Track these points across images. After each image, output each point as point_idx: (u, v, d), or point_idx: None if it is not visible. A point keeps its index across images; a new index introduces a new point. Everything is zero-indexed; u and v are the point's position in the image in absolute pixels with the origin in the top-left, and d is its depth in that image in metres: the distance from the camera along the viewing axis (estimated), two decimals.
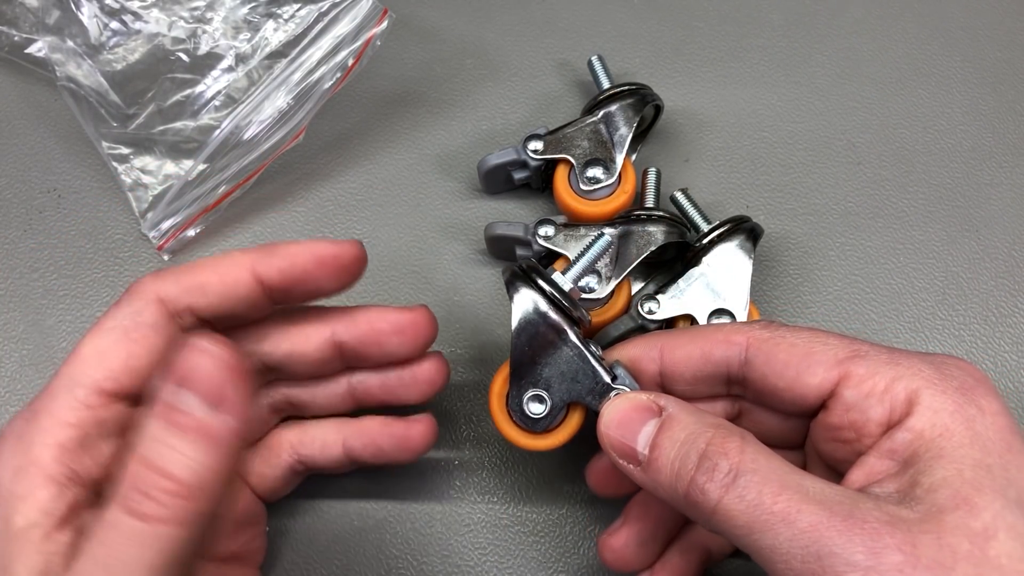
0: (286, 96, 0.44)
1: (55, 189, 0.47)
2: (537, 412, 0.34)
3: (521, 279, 0.34)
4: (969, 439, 0.28)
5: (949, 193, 0.48)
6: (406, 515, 0.40)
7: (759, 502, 0.27)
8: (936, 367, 0.30)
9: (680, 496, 0.29)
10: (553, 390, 0.34)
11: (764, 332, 0.32)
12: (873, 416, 0.30)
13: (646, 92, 0.45)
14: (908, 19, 0.54)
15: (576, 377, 0.34)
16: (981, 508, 0.26)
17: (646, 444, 0.30)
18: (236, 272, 0.32)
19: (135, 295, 0.31)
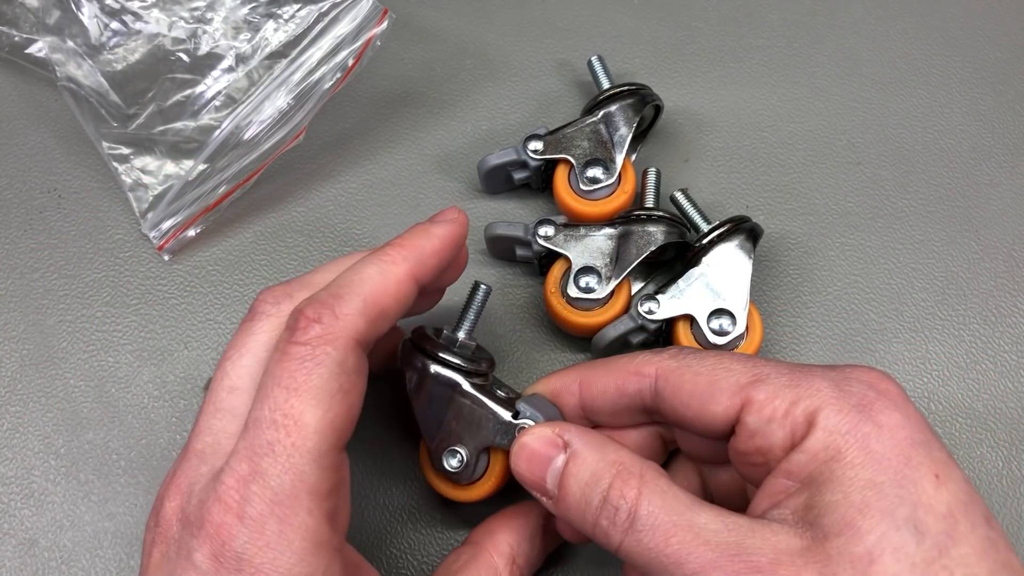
0: (286, 96, 0.44)
1: (55, 189, 0.47)
2: (455, 466, 0.35)
3: (408, 348, 0.35)
4: (862, 459, 0.28)
5: (949, 193, 0.48)
6: (406, 515, 0.40)
7: (653, 546, 0.28)
8: (836, 384, 0.30)
9: (589, 533, 0.30)
10: (465, 441, 0.35)
11: (672, 362, 0.33)
12: (776, 441, 0.30)
13: (646, 92, 0.45)
14: (908, 19, 0.54)
15: (481, 424, 0.34)
16: (865, 532, 0.27)
17: (554, 482, 0.31)
18: (406, 288, 0.32)
19: (330, 340, 0.29)
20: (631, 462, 0.30)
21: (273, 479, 0.27)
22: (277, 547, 0.27)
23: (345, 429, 0.29)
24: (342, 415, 0.29)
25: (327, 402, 0.28)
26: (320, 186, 0.48)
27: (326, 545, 0.28)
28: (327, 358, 0.28)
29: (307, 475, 0.27)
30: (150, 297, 0.44)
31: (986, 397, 0.42)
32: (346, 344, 0.29)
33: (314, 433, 0.28)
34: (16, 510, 0.40)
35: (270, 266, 0.45)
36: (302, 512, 0.27)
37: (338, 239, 0.46)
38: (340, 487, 0.29)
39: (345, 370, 0.29)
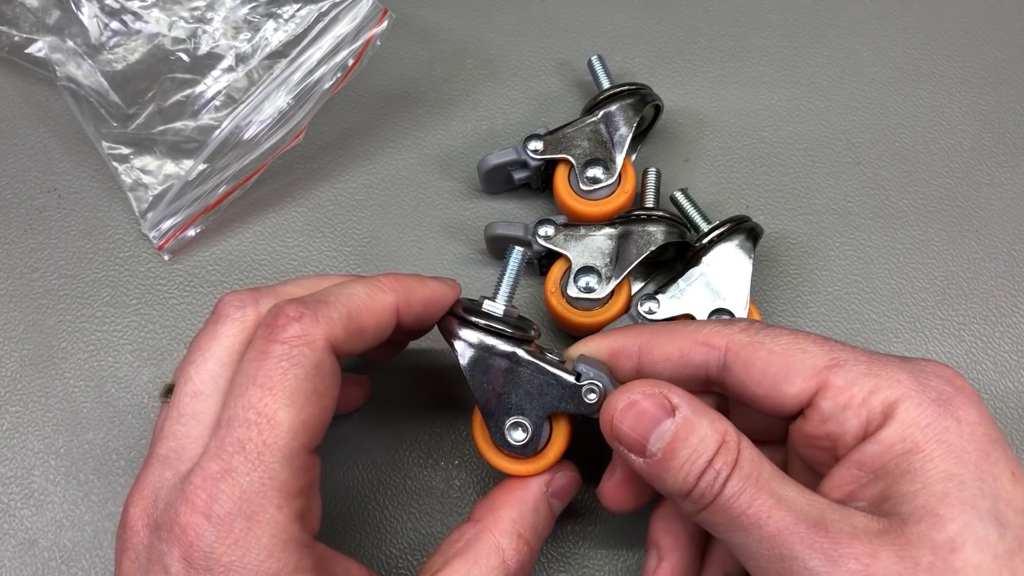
0: (286, 96, 0.44)
1: (55, 189, 0.47)
2: (520, 439, 0.34)
3: (454, 323, 0.34)
4: (941, 452, 0.28)
5: (949, 193, 0.48)
6: (406, 515, 0.40)
7: (738, 507, 0.28)
8: (915, 377, 0.30)
9: (678, 492, 0.30)
10: (527, 412, 0.34)
11: (744, 336, 0.32)
12: (849, 428, 0.30)
13: (646, 92, 0.45)
14: (908, 19, 0.54)
15: (543, 391, 0.34)
16: (947, 520, 0.27)
17: (659, 444, 0.30)
18: (387, 317, 0.32)
19: (308, 342, 0.29)
20: (732, 432, 0.30)
21: (242, 477, 0.27)
22: (245, 544, 0.27)
23: (317, 431, 0.29)
24: (315, 417, 0.29)
25: (301, 402, 0.28)
26: (320, 186, 0.48)
27: (295, 542, 0.28)
28: (304, 359, 0.28)
29: (277, 473, 0.27)
30: (150, 297, 0.44)
31: (986, 397, 0.42)
32: (324, 347, 0.29)
33: (287, 432, 0.28)
34: (16, 510, 0.40)
35: (270, 266, 0.45)
36: (271, 509, 0.27)
37: (338, 239, 0.46)
38: (310, 488, 0.29)
39: (321, 373, 0.29)
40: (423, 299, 0.33)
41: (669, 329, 0.34)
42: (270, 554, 0.27)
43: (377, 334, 0.32)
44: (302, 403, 0.28)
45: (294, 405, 0.28)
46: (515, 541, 0.33)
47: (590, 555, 0.39)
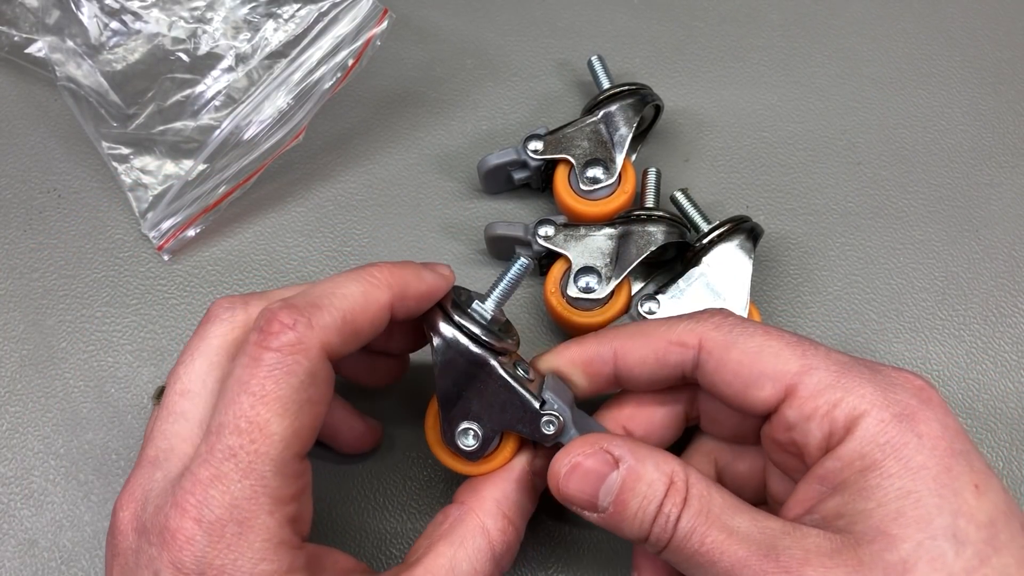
0: (286, 96, 0.44)
1: (55, 189, 0.47)
2: (469, 445, 0.34)
3: (438, 315, 0.33)
4: (898, 469, 0.28)
5: (949, 193, 0.48)
6: (407, 515, 0.40)
7: (690, 547, 0.29)
8: (882, 390, 0.29)
9: (637, 538, 0.31)
10: (483, 421, 0.34)
11: (716, 334, 0.32)
12: (811, 440, 0.30)
13: (646, 92, 0.45)
14: (908, 19, 0.54)
15: (504, 407, 0.33)
16: (900, 540, 0.27)
17: (608, 499, 0.30)
18: (382, 315, 0.31)
19: (303, 349, 0.28)
20: (679, 470, 0.30)
21: (233, 484, 0.27)
22: (238, 548, 0.27)
23: (309, 438, 0.29)
24: (307, 426, 0.28)
25: (294, 412, 0.28)
26: (320, 186, 0.48)
27: (287, 545, 0.28)
28: (298, 367, 0.28)
29: (269, 481, 0.27)
30: (150, 297, 0.44)
31: (986, 397, 0.42)
32: (318, 355, 0.29)
33: (279, 442, 0.27)
34: (16, 510, 0.40)
35: (270, 266, 0.45)
36: (262, 515, 0.27)
37: (338, 239, 0.46)
38: (302, 494, 0.29)
39: (315, 381, 0.29)
40: (418, 294, 0.32)
41: (642, 330, 0.34)
42: (263, 557, 0.27)
43: (372, 333, 0.31)
44: (295, 413, 0.28)
45: (287, 415, 0.28)
46: (500, 521, 0.32)
47: (589, 556, 0.39)
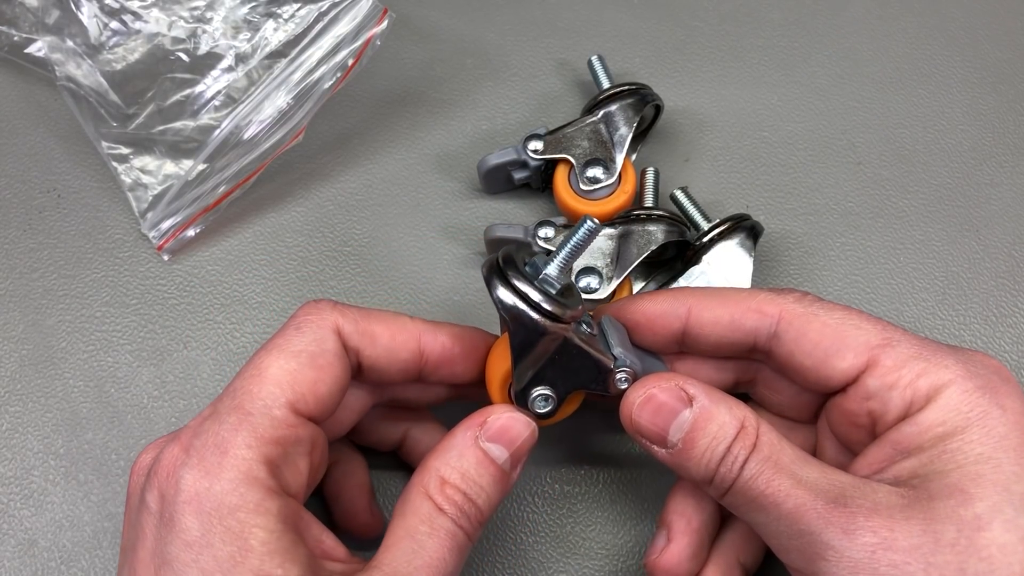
0: (286, 96, 0.43)
1: (55, 189, 0.47)
2: (544, 409, 0.34)
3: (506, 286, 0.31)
4: (980, 436, 0.28)
5: (949, 193, 0.48)
6: None
7: (756, 488, 0.29)
8: (963, 364, 0.30)
9: (701, 479, 0.30)
10: (556, 385, 0.33)
11: (797, 307, 0.32)
12: (891, 408, 0.30)
13: (646, 92, 0.45)
14: (908, 19, 0.54)
15: (578, 371, 0.33)
16: (976, 498, 0.27)
17: (679, 435, 0.30)
18: (405, 336, 0.33)
19: (317, 322, 0.31)
20: (751, 417, 0.30)
21: (225, 416, 0.28)
22: (214, 475, 0.27)
23: (307, 394, 0.29)
24: (307, 379, 0.30)
25: (293, 361, 0.30)
26: (320, 186, 0.48)
27: (260, 483, 0.28)
28: (308, 329, 0.31)
29: (253, 417, 0.28)
30: (150, 297, 0.44)
31: None
32: (329, 326, 0.31)
33: (272, 383, 0.29)
34: (16, 510, 0.40)
35: (270, 266, 0.45)
36: (241, 447, 0.28)
37: (338, 239, 0.46)
38: (292, 444, 0.29)
39: (321, 346, 0.30)
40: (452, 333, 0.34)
41: (722, 293, 0.34)
42: (234, 488, 0.27)
43: (393, 348, 0.32)
44: (294, 362, 0.30)
45: (286, 362, 0.30)
46: (441, 486, 0.31)
47: (590, 552, 0.39)
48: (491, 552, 0.39)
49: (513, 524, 0.39)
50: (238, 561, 0.26)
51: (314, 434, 0.30)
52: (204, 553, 0.27)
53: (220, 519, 0.27)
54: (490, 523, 0.39)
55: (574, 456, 0.41)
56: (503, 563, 0.39)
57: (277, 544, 0.27)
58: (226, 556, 0.26)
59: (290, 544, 0.27)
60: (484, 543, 0.39)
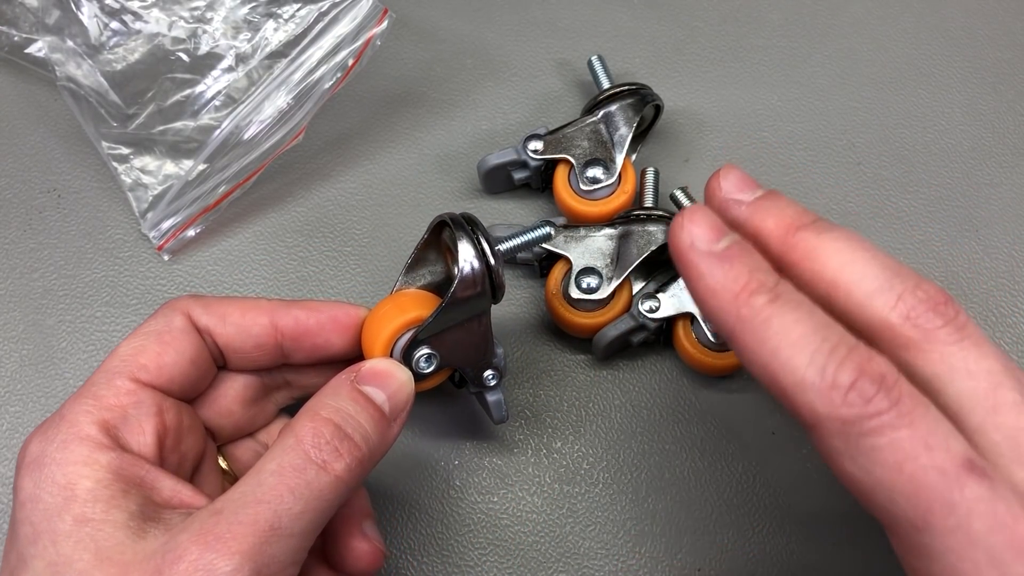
0: (286, 96, 0.43)
1: (55, 189, 0.47)
2: (425, 369, 0.34)
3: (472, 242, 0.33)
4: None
5: (949, 193, 0.48)
6: (406, 515, 0.40)
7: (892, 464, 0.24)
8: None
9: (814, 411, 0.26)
10: (444, 353, 0.34)
11: None
12: None
13: (646, 92, 0.45)
14: (908, 19, 0.54)
15: (469, 349, 0.35)
16: None
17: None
18: (256, 312, 0.34)
19: (167, 308, 0.33)
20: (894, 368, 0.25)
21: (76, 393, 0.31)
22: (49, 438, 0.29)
23: (148, 365, 0.31)
24: (149, 351, 0.32)
25: (140, 339, 0.32)
26: (320, 186, 0.48)
27: (90, 440, 0.29)
28: (159, 314, 0.33)
29: (95, 387, 0.31)
30: (150, 297, 0.44)
31: None
32: (180, 310, 0.33)
33: (117, 358, 0.31)
34: None
35: (270, 266, 0.45)
36: (78, 413, 0.30)
37: (338, 239, 0.46)
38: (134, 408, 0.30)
39: (168, 324, 0.32)
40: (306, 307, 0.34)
41: None
42: (63, 446, 0.29)
43: (243, 324, 0.33)
44: (141, 340, 0.32)
45: (133, 340, 0.32)
46: (311, 420, 0.30)
47: (590, 552, 0.39)
48: (491, 552, 0.39)
49: (513, 524, 0.40)
50: (62, 508, 0.27)
51: (158, 400, 0.31)
52: (35, 507, 0.28)
53: (49, 474, 0.28)
54: (490, 523, 0.39)
55: (574, 456, 0.41)
56: (503, 563, 0.39)
57: (104, 492, 0.28)
58: (52, 506, 0.28)
59: (118, 492, 0.28)
60: (484, 543, 0.39)
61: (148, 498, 0.29)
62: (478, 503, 0.40)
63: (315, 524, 0.28)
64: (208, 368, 0.34)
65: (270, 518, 0.27)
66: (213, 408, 0.35)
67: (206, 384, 0.34)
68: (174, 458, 0.32)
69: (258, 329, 0.34)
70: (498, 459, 0.41)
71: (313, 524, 0.28)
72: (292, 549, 0.27)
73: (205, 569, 0.26)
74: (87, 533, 0.27)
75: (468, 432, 0.41)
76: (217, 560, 0.26)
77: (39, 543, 0.27)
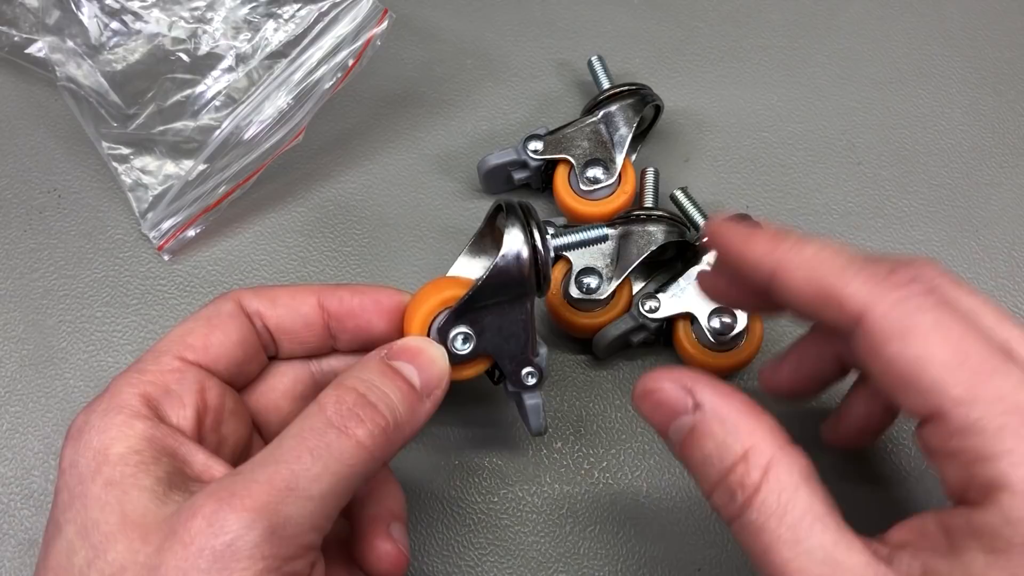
0: (286, 96, 0.43)
1: (55, 189, 0.47)
2: (461, 350, 0.34)
3: (523, 225, 0.33)
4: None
5: (949, 193, 0.48)
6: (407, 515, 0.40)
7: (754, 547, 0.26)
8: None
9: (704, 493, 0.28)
10: (483, 337, 0.34)
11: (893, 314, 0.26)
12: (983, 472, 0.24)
13: (646, 92, 0.45)
14: (908, 19, 0.54)
15: (509, 339, 0.34)
16: None
17: (678, 437, 0.28)
18: (304, 294, 0.34)
19: (219, 297, 0.34)
20: (762, 448, 0.26)
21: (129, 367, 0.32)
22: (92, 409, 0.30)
23: (195, 345, 0.32)
24: (197, 333, 0.32)
25: (191, 323, 0.33)
26: (320, 186, 0.48)
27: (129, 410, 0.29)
28: (210, 303, 0.34)
29: (142, 363, 0.31)
30: (150, 297, 0.44)
31: None
32: (230, 297, 0.34)
33: (167, 340, 0.32)
34: (16, 510, 0.40)
35: (270, 266, 0.45)
36: (123, 386, 0.30)
37: (338, 239, 0.46)
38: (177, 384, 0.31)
39: (217, 309, 0.33)
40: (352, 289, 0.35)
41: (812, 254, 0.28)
42: (102, 416, 0.29)
43: (293, 305, 0.34)
44: (191, 323, 0.33)
45: (184, 324, 0.33)
46: (334, 388, 0.30)
47: (590, 552, 0.39)
48: (491, 552, 0.39)
49: (513, 524, 0.40)
50: (95, 472, 0.28)
51: (202, 378, 0.32)
52: (73, 472, 0.28)
53: (87, 441, 0.29)
54: (489, 522, 0.39)
55: (574, 456, 0.41)
56: (503, 563, 0.39)
57: (134, 457, 0.28)
58: (86, 470, 0.28)
59: (149, 459, 0.28)
60: (484, 543, 0.39)
61: (179, 469, 0.29)
62: (478, 503, 0.40)
63: (335, 490, 0.27)
64: (256, 352, 0.34)
65: (287, 476, 0.27)
66: (262, 400, 0.35)
67: (254, 369, 0.34)
68: (213, 438, 0.32)
69: (307, 308, 0.34)
70: (498, 459, 0.41)
71: (333, 489, 0.27)
72: (310, 513, 0.27)
73: (218, 525, 0.25)
74: (114, 496, 0.27)
75: (468, 432, 0.41)
76: (230, 516, 0.26)
77: (72, 507, 0.28)
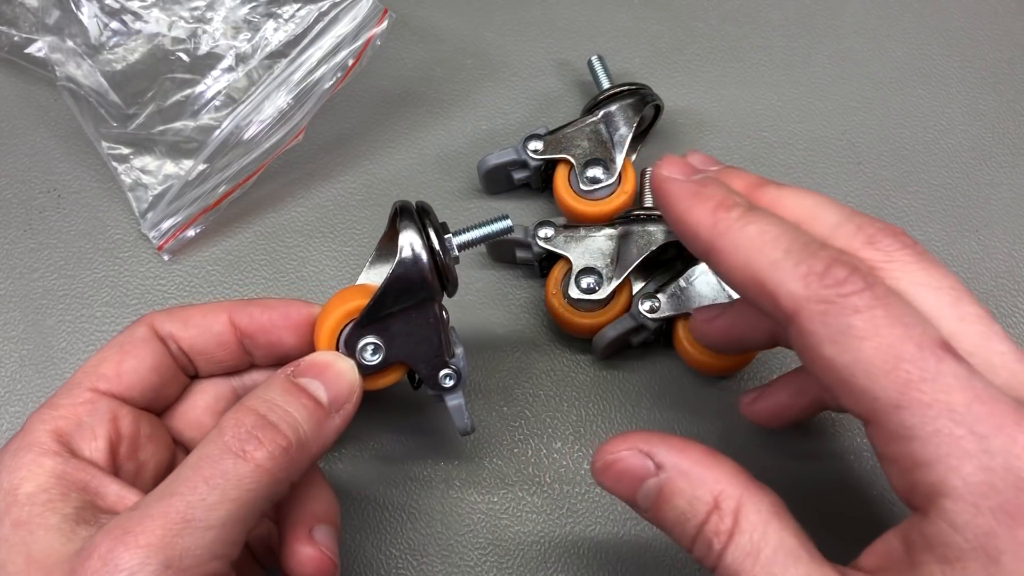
0: (286, 96, 0.43)
1: (55, 189, 0.47)
2: (370, 361, 0.33)
3: (416, 227, 0.33)
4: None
5: (949, 193, 0.48)
6: (406, 515, 0.40)
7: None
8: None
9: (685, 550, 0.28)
10: (394, 344, 0.33)
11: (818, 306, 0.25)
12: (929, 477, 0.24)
13: (646, 92, 0.45)
14: (908, 19, 0.54)
15: (419, 343, 0.34)
16: None
17: (647, 502, 0.28)
18: (216, 313, 0.34)
19: (133, 323, 0.34)
20: (729, 492, 0.27)
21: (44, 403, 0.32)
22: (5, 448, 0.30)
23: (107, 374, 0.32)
24: (109, 361, 0.32)
25: (104, 351, 0.33)
26: (320, 186, 0.48)
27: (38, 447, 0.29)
28: (124, 329, 0.34)
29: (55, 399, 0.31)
30: (150, 297, 0.44)
31: None
32: (143, 322, 0.33)
33: (81, 371, 0.32)
34: None
35: (270, 266, 0.45)
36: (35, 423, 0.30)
37: (338, 239, 0.46)
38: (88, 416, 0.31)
39: (130, 336, 0.33)
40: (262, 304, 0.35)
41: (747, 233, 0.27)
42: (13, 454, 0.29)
43: (205, 324, 0.34)
44: (105, 352, 0.33)
45: (98, 353, 0.33)
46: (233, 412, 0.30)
47: (590, 552, 0.39)
48: (491, 552, 0.39)
49: (513, 524, 0.40)
50: (4, 512, 0.28)
51: (114, 407, 0.31)
52: None
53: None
54: (490, 523, 0.39)
55: (574, 456, 0.41)
56: (503, 563, 0.39)
57: (42, 496, 0.28)
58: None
59: (57, 496, 0.28)
60: (484, 543, 0.39)
61: (90, 502, 0.29)
62: (478, 503, 0.40)
63: (235, 517, 0.27)
64: (173, 375, 0.34)
65: (182, 509, 0.26)
66: (183, 419, 0.35)
67: (172, 392, 0.34)
68: (131, 466, 0.32)
69: (219, 327, 0.34)
70: (498, 459, 0.41)
71: (233, 516, 0.27)
72: (209, 542, 0.26)
73: (112, 564, 0.25)
74: (21, 537, 0.27)
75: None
76: (124, 554, 0.25)
77: None
